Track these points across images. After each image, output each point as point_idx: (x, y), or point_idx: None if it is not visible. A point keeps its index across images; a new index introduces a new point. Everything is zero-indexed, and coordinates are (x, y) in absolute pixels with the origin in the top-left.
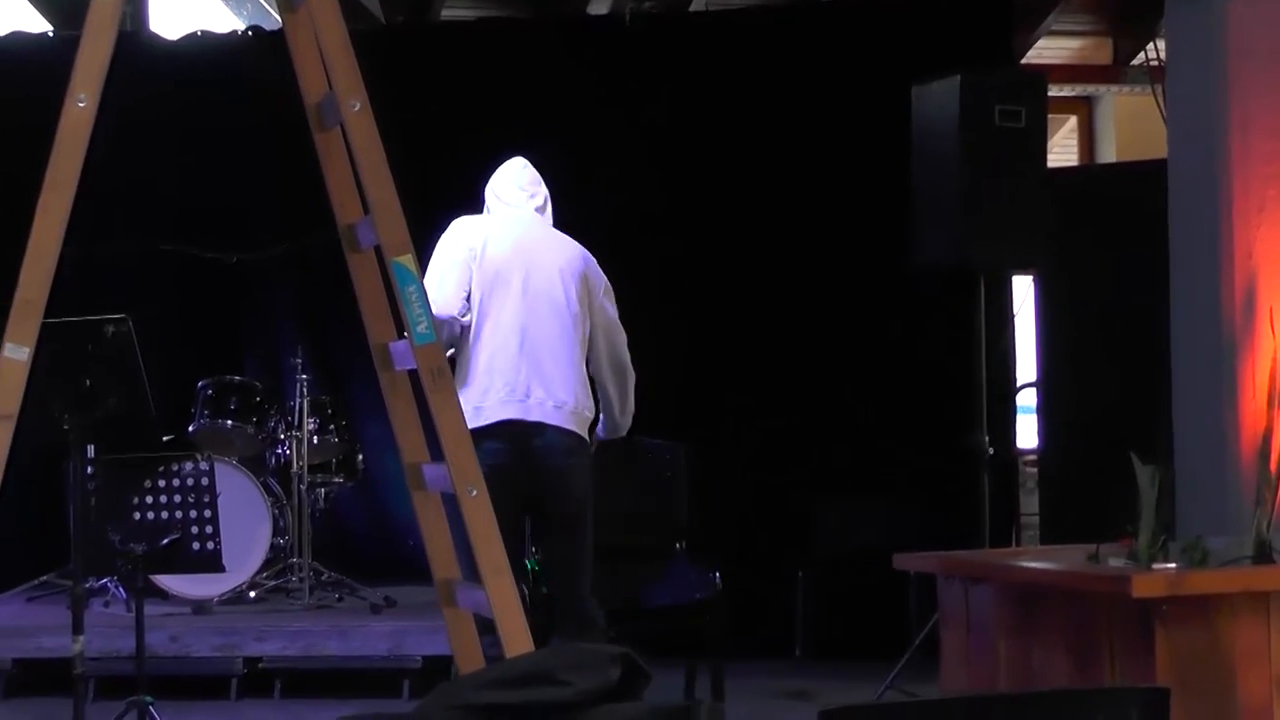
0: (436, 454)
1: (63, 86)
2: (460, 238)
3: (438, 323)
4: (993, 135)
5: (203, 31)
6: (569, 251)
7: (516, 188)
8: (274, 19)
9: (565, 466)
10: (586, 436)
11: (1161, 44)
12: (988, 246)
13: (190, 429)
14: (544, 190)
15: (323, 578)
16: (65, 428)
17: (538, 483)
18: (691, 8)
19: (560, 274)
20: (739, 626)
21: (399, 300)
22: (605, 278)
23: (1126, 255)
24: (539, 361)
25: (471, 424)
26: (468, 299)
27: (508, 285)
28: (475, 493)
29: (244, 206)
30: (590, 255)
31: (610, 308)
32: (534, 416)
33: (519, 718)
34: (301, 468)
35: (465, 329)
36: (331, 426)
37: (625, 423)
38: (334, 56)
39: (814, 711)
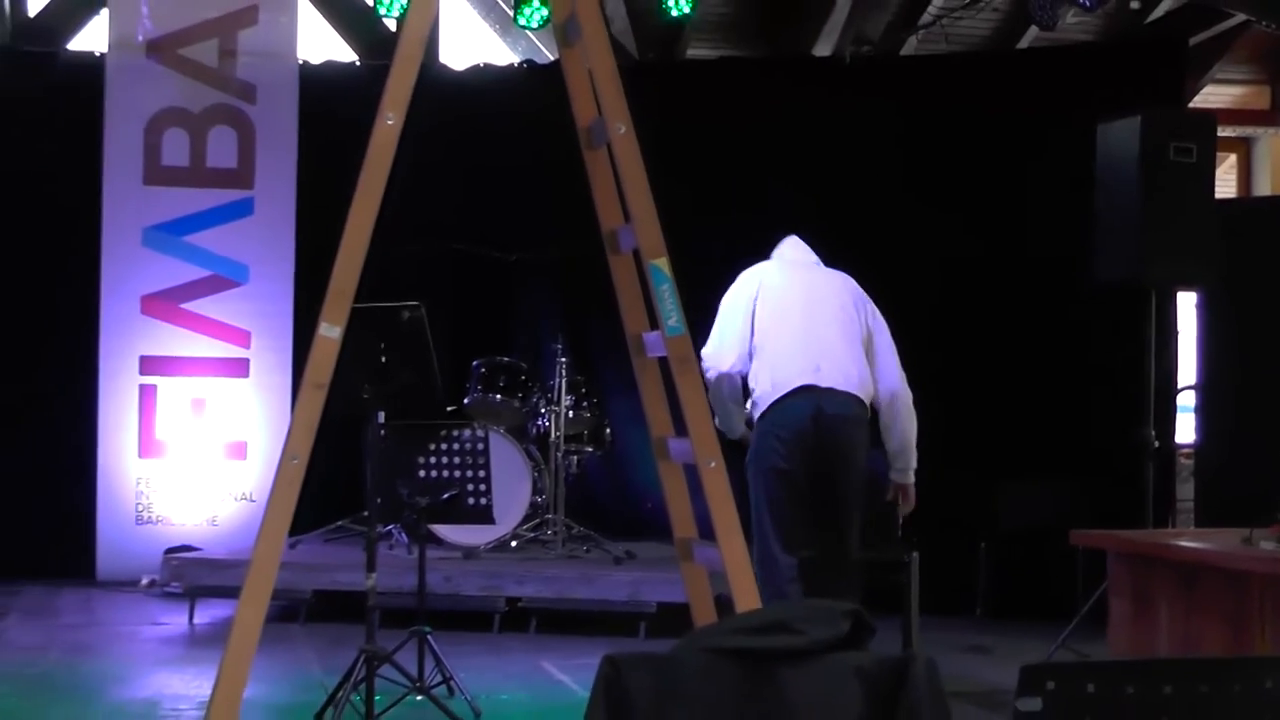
0: (680, 429)
1: (368, 108)
2: (740, 291)
3: (720, 377)
4: (1167, 168)
5: (485, 64)
6: (839, 275)
7: (798, 249)
8: (545, 53)
9: (852, 417)
10: (868, 409)
11: None
12: (1160, 266)
13: (465, 401)
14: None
15: (573, 532)
16: (365, 397)
17: (829, 444)
18: (902, 52)
19: (833, 287)
20: (929, 588)
21: (653, 297)
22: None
23: None
24: (824, 350)
25: (770, 400)
26: (751, 339)
27: (789, 303)
28: (714, 464)
29: (520, 216)
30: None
31: (881, 320)
32: (825, 383)
33: (761, 660)
34: (558, 437)
35: (747, 375)
36: (585, 403)
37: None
38: (604, 85)
39: (993, 664)
